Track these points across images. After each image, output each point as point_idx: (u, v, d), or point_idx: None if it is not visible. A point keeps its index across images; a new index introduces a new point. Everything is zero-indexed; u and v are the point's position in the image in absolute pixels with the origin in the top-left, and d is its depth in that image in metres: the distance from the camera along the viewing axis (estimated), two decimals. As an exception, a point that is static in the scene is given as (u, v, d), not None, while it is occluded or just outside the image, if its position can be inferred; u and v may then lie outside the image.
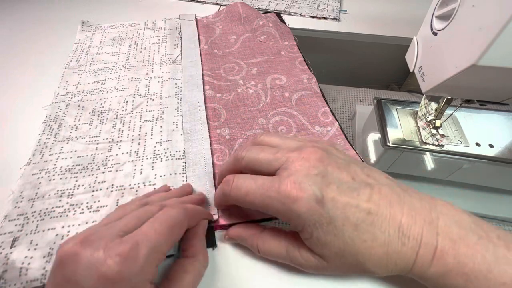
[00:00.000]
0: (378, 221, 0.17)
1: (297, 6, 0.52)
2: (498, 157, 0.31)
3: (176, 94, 0.33)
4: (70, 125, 0.30)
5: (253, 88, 0.34)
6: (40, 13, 0.49)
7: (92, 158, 0.27)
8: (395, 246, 0.16)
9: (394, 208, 0.17)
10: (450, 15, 0.22)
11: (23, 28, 0.46)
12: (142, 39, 0.41)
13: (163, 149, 0.28)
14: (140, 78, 0.35)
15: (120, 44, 0.41)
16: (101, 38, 0.42)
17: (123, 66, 0.37)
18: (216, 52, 0.39)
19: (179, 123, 0.31)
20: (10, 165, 0.27)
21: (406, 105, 0.36)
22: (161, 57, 0.38)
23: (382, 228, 0.17)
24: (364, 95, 0.56)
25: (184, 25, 0.43)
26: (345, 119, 0.51)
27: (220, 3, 0.53)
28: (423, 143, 0.32)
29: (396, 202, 0.17)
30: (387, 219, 0.17)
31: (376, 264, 0.17)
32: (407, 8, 0.54)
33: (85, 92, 0.33)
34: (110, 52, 0.39)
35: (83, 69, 0.37)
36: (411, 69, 0.28)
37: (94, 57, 0.39)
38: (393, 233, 0.17)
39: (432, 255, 0.16)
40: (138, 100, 0.33)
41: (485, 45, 0.18)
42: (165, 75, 0.36)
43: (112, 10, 0.50)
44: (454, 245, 0.16)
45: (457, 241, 0.16)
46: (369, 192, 0.18)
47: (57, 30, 0.45)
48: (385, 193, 0.18)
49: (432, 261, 0.16)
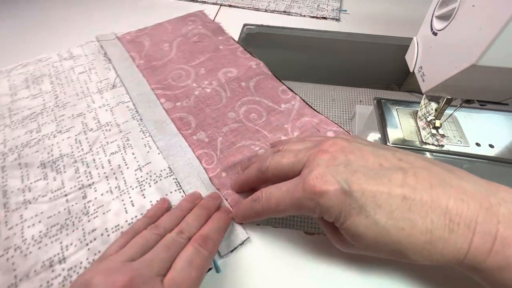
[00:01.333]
0: (416, 207, 0.15)
1: (297, 6, 0.52)
2: (498, 157, 0.31)
3: (134, 117, 0.31)
4: (18, 188, 0.25)
5: (209, 87, 0.35)
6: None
7: (67, 212, 0.24)
8: (441, 233, 0.15)
9: (437, 191, 0.16)
10: (450, 15, 0.22)
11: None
12: (64, 72, 0.36)
13: (145, 174, 0.26)
14: (83, 113, 0.32)
15: (37, 84, 0.35)
16: (8, 83, 0.35)
17: (54, 106, 0.32)
18: (155, 64, 0.37)
19: (151, 143, 0.29)
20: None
21: (406, 105, 0.36)
22: (96, 84, 0.35)
23: (422, 213, 0.15)
24: (364, 95, 0.56)
25: (107, 46, 0.39)
26: (345, 119, 0.51)
27: (220, 3, 0.53)
28: (423, 143, 0.32)
29: (439, 185, 0.16)
30: (428, 203, 0.15)
31: (417, 252, 0.16)
32: (407, 8, 0.54)
33: (20, 147, 0.28)
34: (30, 96, 0.34)
35: (2, 123, 0.31)
36: (411, 69, 0.28)
37: (10, 106, 0.33)
38: (437, 219, 0.15)
39: (491, 244, 0.14)
40: (91, 135, 0.29)
41: (485, 45, 0.18)
42: (111, 101, 0.33)
43: (111, 10, 0.50)
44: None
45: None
46: (402, 177, 0.16)
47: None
48: (423, 176, 0.16)
49: (490, 252, 0.14)
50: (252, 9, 0.52)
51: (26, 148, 0.28)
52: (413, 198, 0.16)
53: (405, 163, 0.17)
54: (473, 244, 0.15)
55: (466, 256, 0.15)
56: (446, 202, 0.15)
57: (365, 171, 0.17)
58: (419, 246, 0.15)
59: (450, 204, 0.15)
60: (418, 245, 0.15)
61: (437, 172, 0.16)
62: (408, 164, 0.17)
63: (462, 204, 0.15)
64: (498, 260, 0.14)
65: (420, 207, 0.15)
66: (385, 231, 0.16)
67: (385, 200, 0.16)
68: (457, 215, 0.15)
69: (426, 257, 0.16)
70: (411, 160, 0.17)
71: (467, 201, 0.15)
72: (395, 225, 0.15)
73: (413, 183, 0.16)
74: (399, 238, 0.15)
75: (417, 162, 0.17)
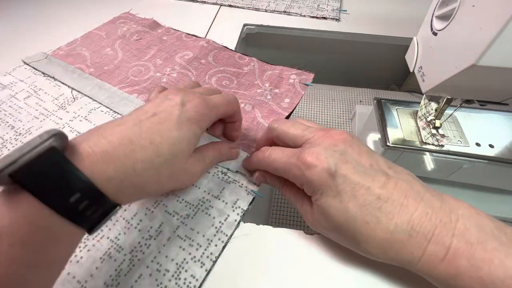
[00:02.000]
0: (386, 208, 0.17)
1: (297, 6, 0.52)
2: (498, 157, 0.31)
3: (114, 117, 0.31)
4: None
5: (174, 72, 0.36)
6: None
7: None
8: (400, 236, 0.17)
9: (409, 201, 0.17)
10: (450, 15, 0.22)
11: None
12: (5, 103, 0.32)
13: None
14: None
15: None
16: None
17: (16, 135, 0.29)
18: (107, 69, 0.36)
19: None
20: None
21: (406, 105, 0.36)
22: (52, 102, 0.32)
23: (389, 215, 0.17)
24: (364, 95, 0.56)
25: (41, 66, 0.36)
26: (345, 119, 0.51)
27: (220, 3, 0.53)
28: (423, 143, 0.32)
29: (413, 197, 0.17)
30: (397, 209, 0.17)
31: (374, 246, 0.17)
32: (407, 8, 0.54)
33: None
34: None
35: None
36: (411, 69, 0.28)
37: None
38: (400, 224, 0.17)
39: (444, 254, 0.16)
40: None
41: (485, 45, 0.18)
42: (80, 112, 0.31)
43: (113, 9, 0.50)
44: (470, 248, 0.16)
45: (474, 244, 0.16)
46: (384, 181, 0.18)
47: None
48: (402, 186, 0.18)
49: (442, 261, 0.16)
50: (252, 9, 0.52)
51: None
52: (386, 200, 0.17)
53: (392, 172, 0.19)
54: (427, 252, 0.16)
55: (419, 261, 0.17)
56: (412, 212, 0.17)
57: (355, 165, 0.18)
58: (378, 241, 0.17)
59: (416, 214, 0.17)
60: (377, 240, 0.17)
61: (415, 186, 0.18)
62: (394, 173, 0.19)
63: (425, 216, 0.17)
64: (451, 269, 0.16)
65: (390, 209, 0.17)
66: (352, 220, 0.17)
67: (361, 194, 0.17)
68: (419, 224, 0.17)
69: (380, 253, 0.17)
70: (398, 171, 0.19)
71: (431, 214, 0.17)
72: (362, 217, 0.17)
73: (391, 189, 0.18)
74: (362, 229, 0.17)
75: (402, 174, 0.19)
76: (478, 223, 0.17)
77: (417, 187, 0.18)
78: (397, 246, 0.17)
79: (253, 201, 0.24)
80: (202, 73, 0.36)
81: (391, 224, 0.17)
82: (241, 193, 0.24)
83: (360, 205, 0.17)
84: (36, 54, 0.38)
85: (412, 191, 0.18)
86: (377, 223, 0.17)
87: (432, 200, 0.18)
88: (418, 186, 0.18)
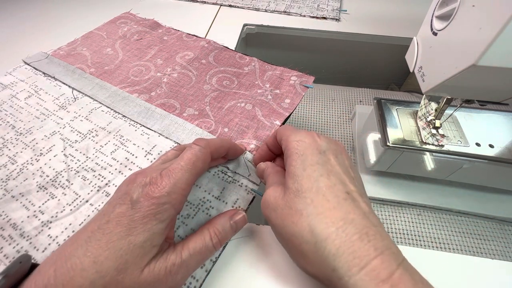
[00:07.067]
0: (350, 204, 0.17)
1: (297, 6, 0.52)
2: (498, 157, 0.31)
3: (115, 117, 0.31)
4: (28, 216, 0.23)
5: (175, 72, 0.36)
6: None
7: (92, 209, 0.24)
8: (330, 257, 0.16)
9: (371, 219, 0.17)
10: (450, 15, 0.22)
11: None
12: (5, 103, 0.32)
13: (157, 155, 0.27)
14: (56, 131, 0.29)
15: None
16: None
17: (17, 135, 0.29)
18: (108, 69, 0.36)
19: (146, 131, 0.29)
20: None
21: (406, 105, 0.36)
22: (53, 102, 0.32)
23: (334, 235, 0.16)
24: (364, 95, 0.56)
25: (42, 66, 0.37)
26: (345, 119, 0.51)
27: (220, 3, 0.53)
28: (423, 143, 0.32)
29: (371, 226, 0.17)
30: (345, 234, 0.16)
31: (320, 224, 0.16)
32: (407, 8, 0.54)
33: (1, 182, 0.25)
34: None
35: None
36: (411, 69, 0.28)
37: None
38: (342, 247, 0.16)
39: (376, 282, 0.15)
40: (80, 145, 0.28)
41: (485, 45, 0.18)
42: (81, 111, 0.31)
43: (114, 9, 0.50)
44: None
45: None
46: (353, 205, 0.17)
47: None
48: (369, 216, 0.17)
49: (358, 273, 0.15)
50: (252, 9, 0.52)
51: (10, 181, 0.26)
52: (353, 199, 0.17)
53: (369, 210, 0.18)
54: (371, 262, 0.15)
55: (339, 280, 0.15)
56: (355, 238, 0.16)
57: (338, 176, 0.18)
58: (328, 221, 0.16)
59: (357, 244, 0.16)
60: (328, 220, 0.17)
61: (372, 220, 0.17)
62: (368, 209, 0.18)
63: (364, 246, 0.16)
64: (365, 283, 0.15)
65: (354, 207, 0.17)
66: (315, 194, 0.17)
67: (336, 178, 0.18)
68: (359, 255, 0.15)
69: (324, 233, 0.16)
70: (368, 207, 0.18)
71: (368, 242, 0.16)
72: (324, 197, 0.17)
73: (361, 200, 0.18)
74: (317, 207, 0.17)
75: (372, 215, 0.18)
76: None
77: (373, 220, 0.17)
78: (327, 260, 0.16)
79: (253, 201, 0.24)
80: (203, 73, 0.36)
81: (332, 241, 0.16)
82: (241, 192, 0.24)
83: (328, 186, 0.18)
84: (37, 54, 0.38)
85: (370, 225, 0.17)
86: (335, 208, 0.17)
87: (381, 234, 0.17)
88: (375, 220, 0.17)
